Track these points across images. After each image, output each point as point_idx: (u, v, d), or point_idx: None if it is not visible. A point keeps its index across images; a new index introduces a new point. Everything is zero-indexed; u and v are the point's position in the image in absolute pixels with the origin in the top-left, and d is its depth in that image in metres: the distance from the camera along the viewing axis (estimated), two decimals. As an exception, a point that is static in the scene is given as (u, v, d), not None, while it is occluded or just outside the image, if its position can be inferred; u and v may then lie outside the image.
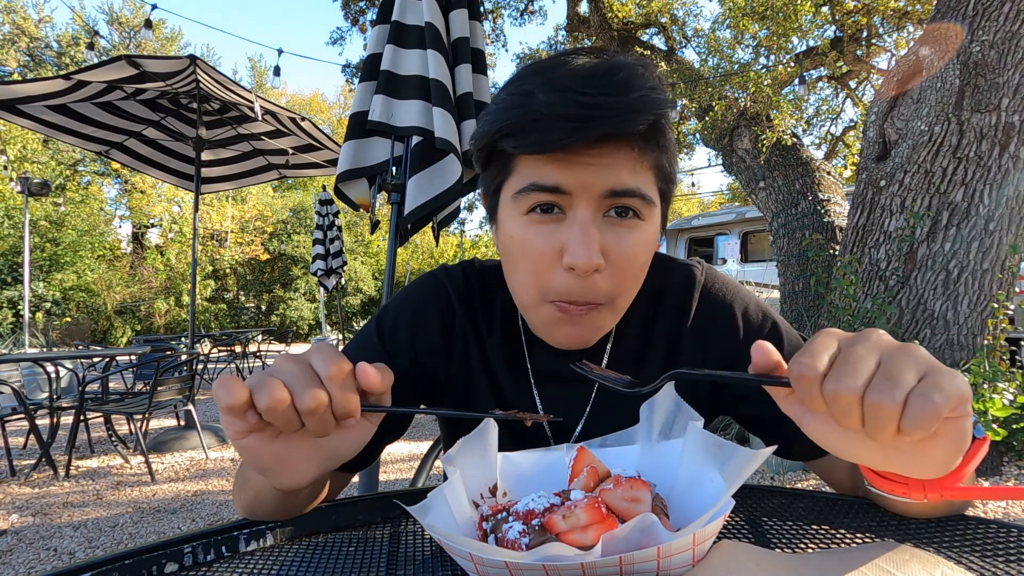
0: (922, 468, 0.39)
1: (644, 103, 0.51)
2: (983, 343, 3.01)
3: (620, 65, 0.52)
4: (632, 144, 0.52)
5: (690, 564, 0.38)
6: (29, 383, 4.75)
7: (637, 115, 0.50)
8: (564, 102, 0.49)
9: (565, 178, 0.52)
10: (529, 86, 0.52)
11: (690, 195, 24.53)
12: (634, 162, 0.53)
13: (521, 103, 0.52)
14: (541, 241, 0.54)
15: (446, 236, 20.77)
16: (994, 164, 2.91)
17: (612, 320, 0.60)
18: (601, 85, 0.50)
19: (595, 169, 0.51)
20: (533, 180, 0.53)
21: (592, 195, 0.52)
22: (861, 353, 0.36)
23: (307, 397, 0.41)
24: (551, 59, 0.55)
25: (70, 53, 18.16)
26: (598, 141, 0.51)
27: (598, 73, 0.51)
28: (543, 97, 0.50)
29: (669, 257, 0.73)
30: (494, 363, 0.69)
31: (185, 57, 4.12)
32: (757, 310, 0.68)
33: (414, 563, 0.46)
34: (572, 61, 0.54)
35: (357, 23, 7.92)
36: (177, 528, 2.79)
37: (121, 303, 16.21)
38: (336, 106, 28.42)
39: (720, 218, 8.84)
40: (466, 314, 0.70)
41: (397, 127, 2.06)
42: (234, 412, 0.41)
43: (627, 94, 0.50)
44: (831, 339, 0.39)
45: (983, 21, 2.91)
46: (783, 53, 5.43)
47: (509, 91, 0.55)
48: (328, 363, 0.43)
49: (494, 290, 0.70)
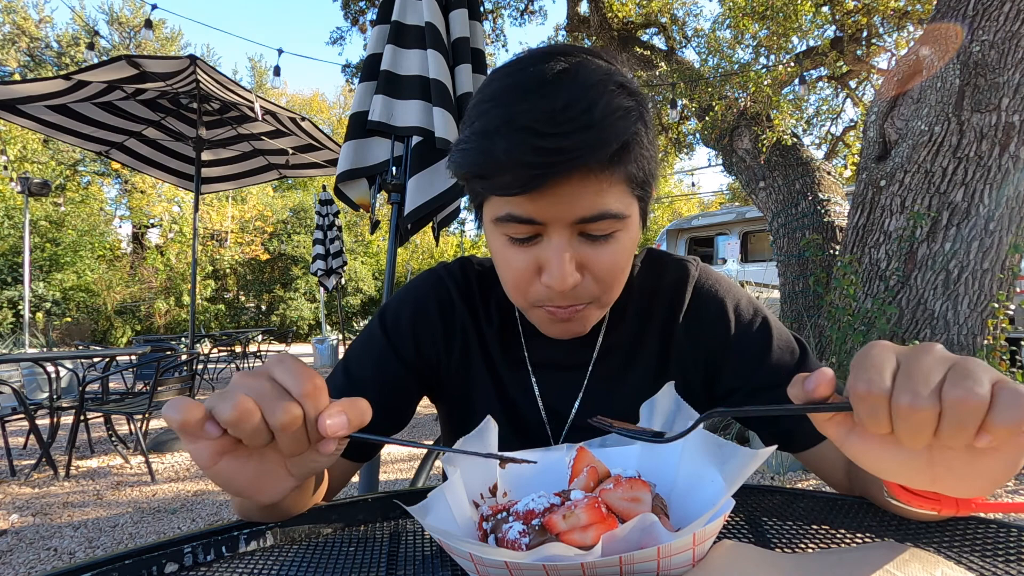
0: (971, 486, 0.37)
1: (607, 135, 0.49)
2: (983, 343, 3.01)
3: (581, 91, 0.50)
4: (599, 170, 0.52)
5: (690, 564, 0.38)
6: (29, 383, 4.76)
7: (600, 149, 0.49)
8: (523, 147, 0.49)
9: (537, 210, 0.53)
10: (490, 123, 0.51)
11: (690, 195, 24.54)
12: (601, 185, 0.52)
13: (482, 147, 0.51)
14: (520, 259, 0.57)
15: (446, 236, 20.76)
16: (994, 164, 2.91)
17: (601, 312, 0.63)
18: (562, 122, 0.49)
19: (564, 200, 0.52)
20: (508, 211, 0.54)
21: (564, 223, 0.53)
22: (930, 363, 0.34)
23: (279, 411, 0.37)
24: (513, 76, 0.53)
25: (70, 53, 18.16)
26: (563, 178, 0.50)
27: (557, 108, 0.49)
28: (502, 144, 0.50)
29: (665, 253, 0.75)
30: (493, 352, 0.72)
31: (185, 57, 4.13)
32: (748, 306, 0.69)
33: (414, 563, 0.46)
34: (532, 85, 0.51)
35: (357, 23, 7.91)
36: (177, 528, 2.79)
37: (121, 303, 16.22)
38: (336, 106, 28.42)
39: (720, 218, 8.84)
40: (465, 306, 0.72)
41: (397, 127, 2.06)
42: (189, 430, 0.37)
43: (588, 129, 0.49)
44: (888, 353, 0.36)
45: (983, 21, 2.91)
46: (783, 53, 5.42)
47: (472, 125, 0.54)
48: (299, 378, 0.39)
49: (491, 283, 0.73)
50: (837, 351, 3.24)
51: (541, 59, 0.53)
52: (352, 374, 0.68)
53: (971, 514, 0.43)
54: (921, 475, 0.37)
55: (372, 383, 0.67)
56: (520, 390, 0.71)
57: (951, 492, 0.38)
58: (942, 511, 0.43)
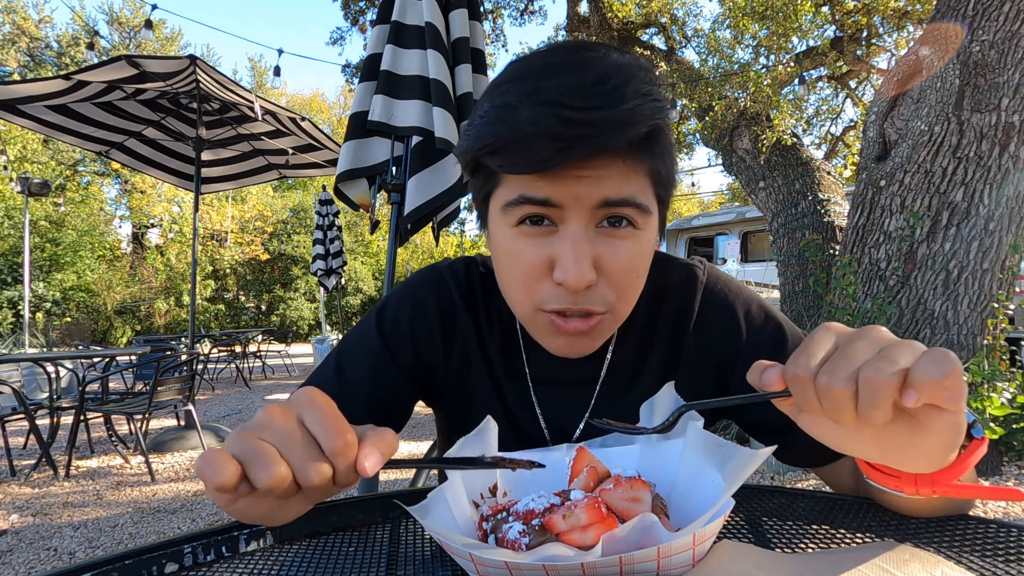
0: (916, 461, 0.40)
1: (636, 115, 0.47)
2: (983, 343, 3.01)
3: (612, 70, 0.48)
4: (626, 154, 0.49)
5: (690, 564, 0.38)
6: (29, 383, 4.75)
7: (629, 128, 0.47)
8: (549, 119, 0.46)
9: (555, 191, 0.49)
10: (513, 97, 0.49)
11: (690, 195, 24.53)
12: (628, 171, 0.50)
13: (504, 118, 0.48)
14: (531, 253, 0.52)
15: (446, 236, 20.76)
16: (994, 164, 2.91)
17: (612, 328, 0.58)
18: (590, 96, 0.46)
19: (587, 181, 0.49)
20: (522, 192, 0.50)
21: (584, 207, 0.50)
22: (861, 346, 0.36)
23: (312, 473, 0.36)
24: (536, 59, 0.52)
25: (70, 53, 18.17)
26: (588, 157, 0.48)
27: (586, 83, 0.47)
28: (527, 113, 0.47)
29: (670, 256, 0.71)
30: (494, 361, 0.68)
31: (185, 57, 4.12)
32: (759, 310, 0.66)
33: (414, 563, 0.46)
34: (559, 65, 0.49)
35: (357, 23, 7.92)
36: (177, 528, 2.79)
37: (121, 303, 16.22)
38: (336, 106, 28.42)
39: (720, 218, 8.84)
40: (467, 310, 0.68)
41: (397, 127, 2.06)
42: (226, 491, 0.35)
43: (618, 106, 0.47)
44: (829, 336, 0.38)
45: (983, 21, 2.91)
46: (783, 53, 5.42)
47: (492, 101, 0.51)
48: (331, 432, 0.37)
49: (496, 288, 0.69)
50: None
51: (565, 45, 0.52)
52: (346, 376, 0.66)
53: (937, 496, 0.44)
54: (869, 448, 0.40)
55: (366, 386, 0.65)
56: (520, 404, 0.67)
57: (901, 467, 0.41)
58: (904, 489, 0.45)
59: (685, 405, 0.45)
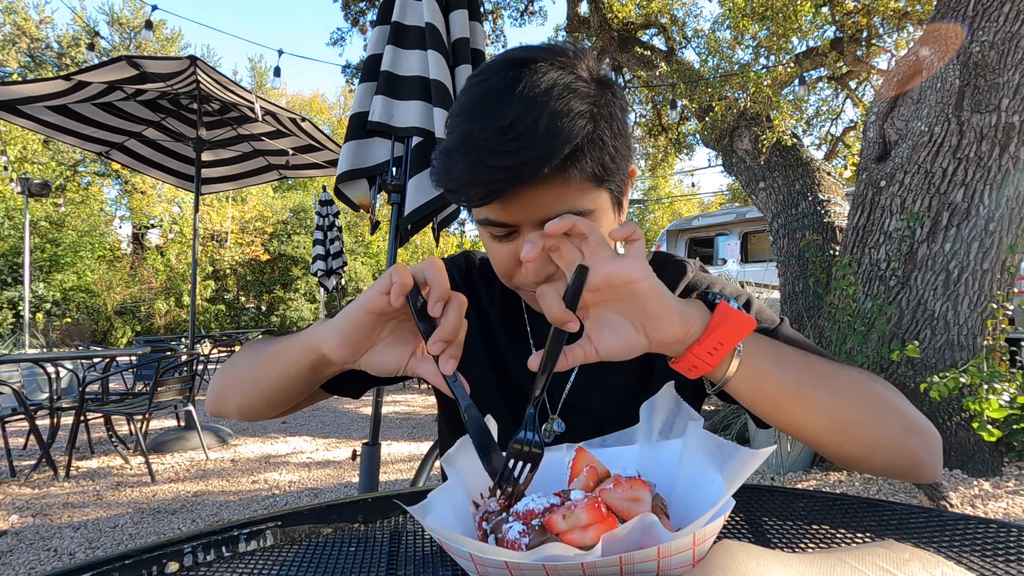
0: (648, 326, 0.50)
1: (554, 145, 0.53)
2: (983, 343, 3.01)
3: (526, 102, 0.53)
4: (554, 175, 0.55)
5: (690, 564, 0.38)
6: (29, 383, 4.75)
7: (548, 160, 0.53)
8: (477, 169, 0.54)
9: (506, 215, 0.59)
10: (452, 141, 0.57)
11: (690, 195, 24.54)
12: (562, 188, 0.56)
13: (445, 166, 0.57)
14: (502, 253, 0.64)
15: (446, 236, 20.75)
16: (994, 164, 2.91)
17: None
18: (509, 140, 0.52)
19: (528, 205, 0.57)
20: (485, 216, 0.60)
21: (531, 223, 0.59)
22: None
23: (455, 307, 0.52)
24: (475, 90, 0.58)
25: (70, 54, 18.17)
26: (518, 188, 0.54)
27: (504, 126, 0.52)
28: (460, 164, 0.55)
29: (668, 254, 0.81)
30: (495, 331, 0.78)
31: (185, 58, 4.13)
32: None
33: (414, 563, 0.46)
34: (485, 106, 0.55)
35: (357, 24, 7.92)
36: (177, 528, 2.78)
37: (121, 303, 16.22)
38: (336, 107, 28.43)
39: (720, 218, 8.84)
40: (467, 288, 0.78)
41: (397, 127, 2.06)
42: (404, 291, 0.51)
43: (533, 143, 0.52)
44: None
45: (983, 21, 2.91)
46: (783, 53, 5.42)
47: (446, 137, 0.59)
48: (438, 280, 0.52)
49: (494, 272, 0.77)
50: (837, 352, 3.24)
51: (499, 69, 0.57)
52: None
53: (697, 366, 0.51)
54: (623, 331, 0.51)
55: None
56: (519, 363, 0.72)
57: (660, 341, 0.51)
58: (682, 370, 0.53)
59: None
